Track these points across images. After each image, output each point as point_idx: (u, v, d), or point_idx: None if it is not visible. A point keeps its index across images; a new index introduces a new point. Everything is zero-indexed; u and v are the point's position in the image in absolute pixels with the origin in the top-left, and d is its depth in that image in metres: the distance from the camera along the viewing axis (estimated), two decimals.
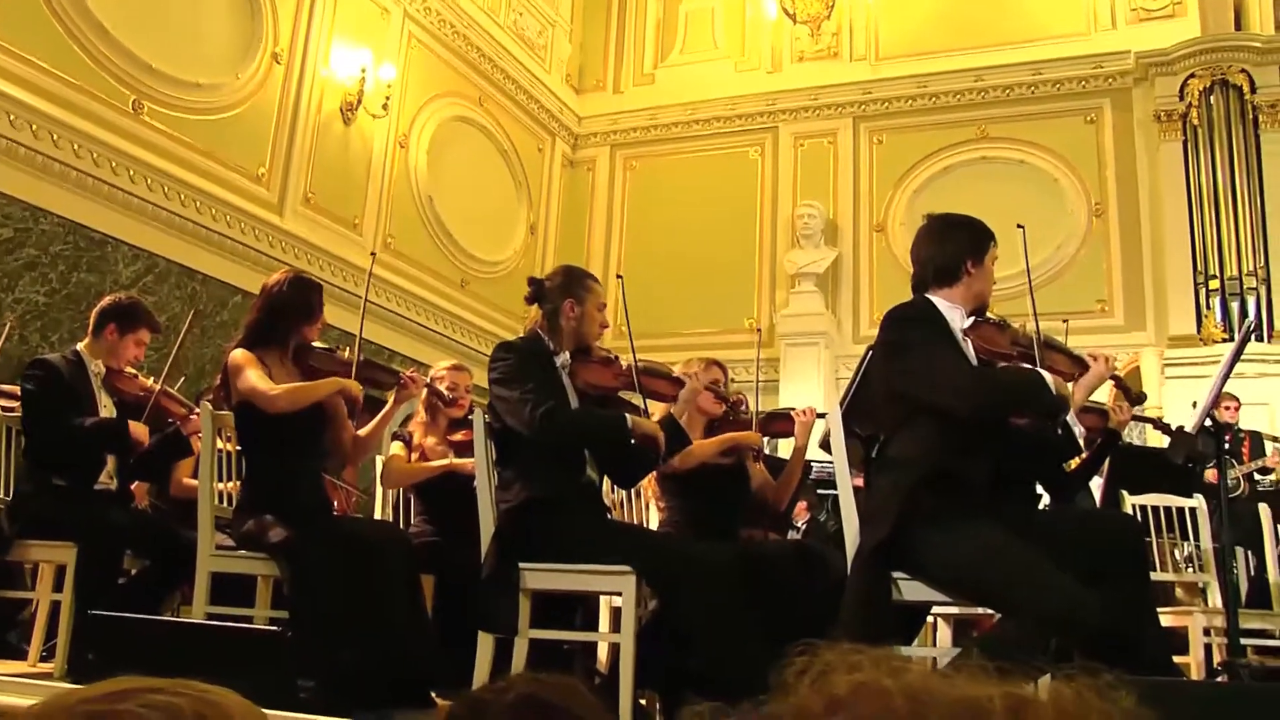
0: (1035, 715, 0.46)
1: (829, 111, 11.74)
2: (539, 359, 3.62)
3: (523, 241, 11.77)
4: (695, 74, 12.28)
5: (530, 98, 11.92)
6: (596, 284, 3.80)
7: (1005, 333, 3.11)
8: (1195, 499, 5.12)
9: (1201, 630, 4.52)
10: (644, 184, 12.30)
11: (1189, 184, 10.13)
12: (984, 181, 10.76)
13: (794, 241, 11.21)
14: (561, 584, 3.34)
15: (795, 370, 10.48)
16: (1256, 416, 8.42)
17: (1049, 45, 11.10)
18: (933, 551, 2.80)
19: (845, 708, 0.46)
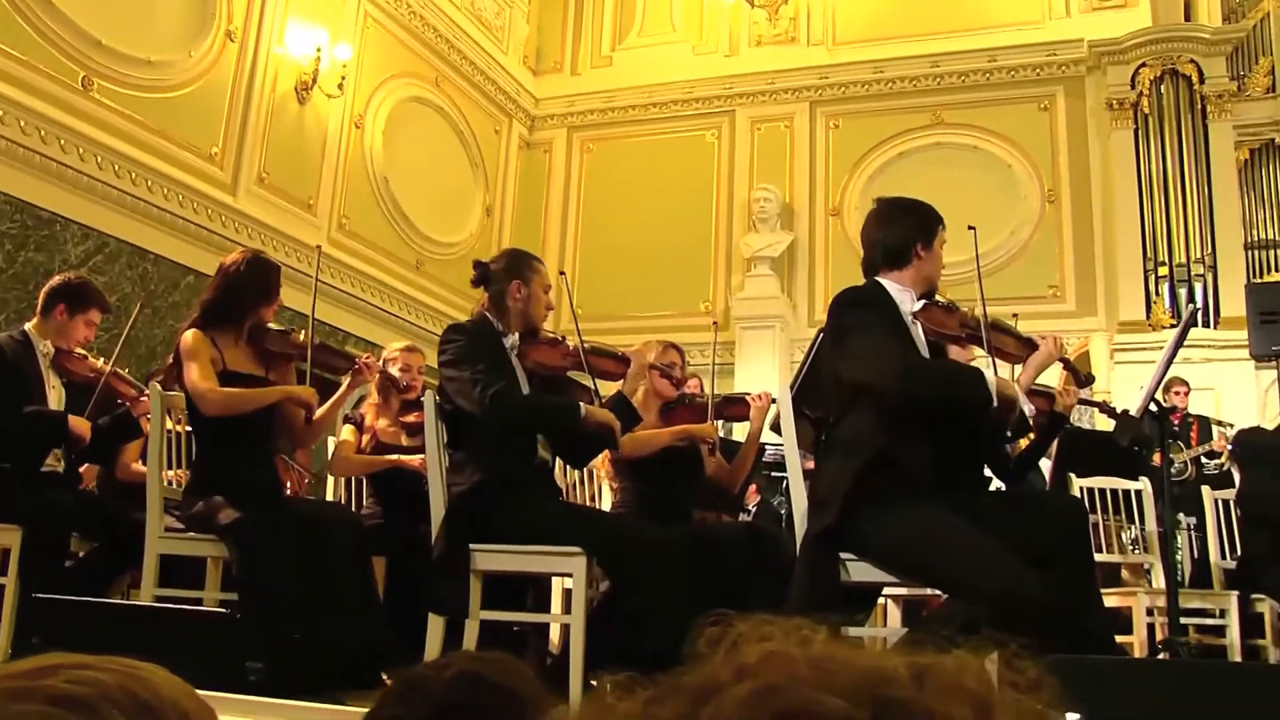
0: (938, 682, 0.47)
1: (786, 96, 11.77)
2: (488, 340, 3.62)
3: (478, 223, 11.73)
4: (653, 57, 12.26)
5: (487, 79, 11.86)
6: (542, 266, 3.82)
7: (954, 315, 3.14)
8: (1141, 482, 5.19)
9: (1145, 610, 4.60)
10: (601, 167, 12.28)
11: (1140, 172, 10.27)
12: (939, 167, 10.84)
13: (750, 225, 11.24)
14: (511, 565, 3.34)
15: (750, 353, 10.53)
16: (1204, 401, 8.56)
17: (1004, 33, 11.19)
18: (879, 533, 2.83)
19: (752, 675, 0.47)
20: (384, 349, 5.22)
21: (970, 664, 0.49)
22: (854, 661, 0.48)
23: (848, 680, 0.46)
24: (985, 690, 0.48)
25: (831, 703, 0.45)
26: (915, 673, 0.47)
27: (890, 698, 0.46)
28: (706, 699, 0.47)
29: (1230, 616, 4.72)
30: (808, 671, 0.47)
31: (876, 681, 0.46)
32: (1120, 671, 2.72)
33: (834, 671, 0.47)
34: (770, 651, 0.49)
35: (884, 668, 0.48)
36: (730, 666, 0.49)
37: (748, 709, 0.45)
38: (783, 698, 0.45)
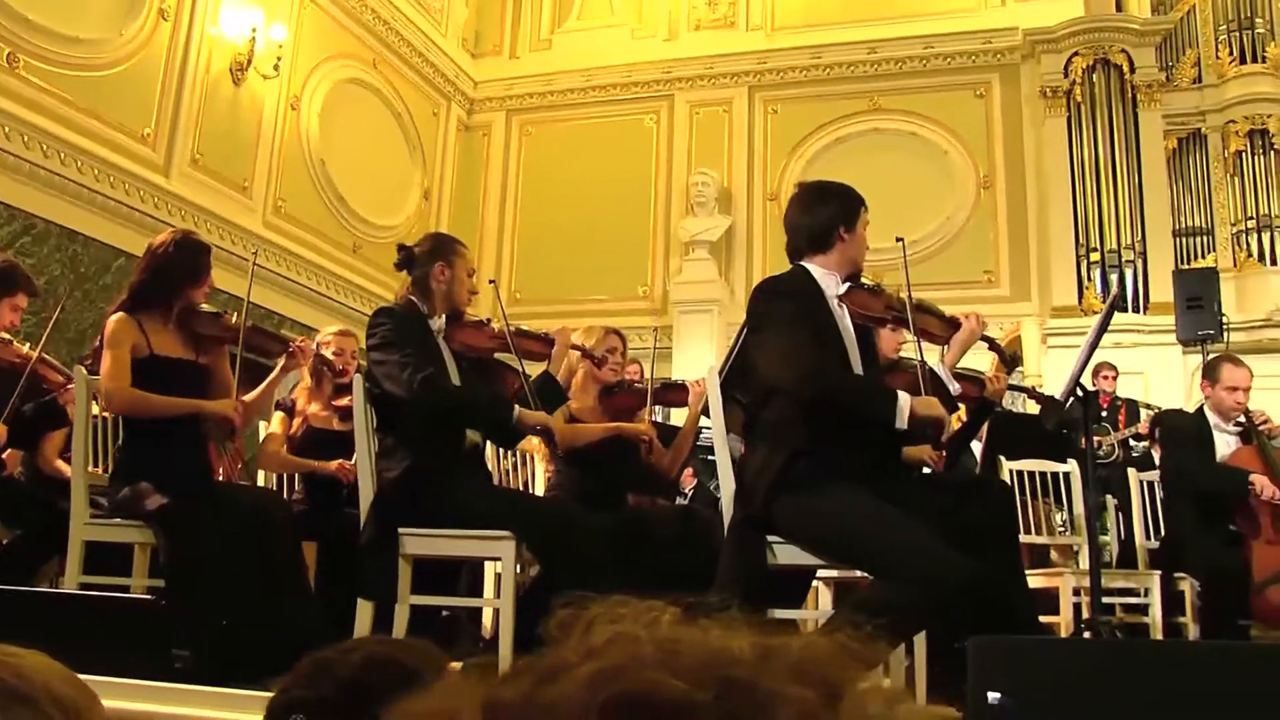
0: (783, 664, 0.48)
1: (724, 80, 11.80)
2: (416, 324, 3.60)
3: (416, 206, 11.65)
4: (592, 40, 12.23)
5: (426, 61, 11.77)
6: (465, 250, 3.82)
7: (879, 298, 3.16)
8: (1070, 464, 5.27)
9: (1071, 590, 4.67)
10: (539, 150, 12.24)
11: (1072, 159, 10.42)
12: (876, 153, 10.93)
13: (688, 209, 11.27)
14: (441, 549, 3.33)
15: (688, 337, 10.56)
16: (1134, 385, 8.71)
17: (941, 20, 11.29)
18: (806, 516, 2.86)
19: (598, 656, 0.48)
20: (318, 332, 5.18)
21: (819, 645, 0.50)
22: (700, 643, 0.49)
23: (692, 661, 0.47)
24: (834, 672, 0.49)
25: (673, 684, 0.45)
26: (761, 654, 0.48)
27: (734, 679, 0.46)
28: (551, 680, 0.48)
29: (1153, 595, 4.81)
30: (653, 653, 0.47)
31: (721, 663, 0.47)
32: (1042, 651, 2.76)
33: (679, 653, 0.48)
34: (616, 633, 0.50)
35: (730, 649, 0.48)
36: (578, 648, 0.49)
37: (589, 690, 0.46)
38: (624, 679, 0.46)
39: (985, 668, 2.60)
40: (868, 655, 0.52)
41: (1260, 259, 10.01)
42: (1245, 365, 5.16)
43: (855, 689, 0.49)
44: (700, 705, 0.45)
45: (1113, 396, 7.71)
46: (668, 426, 5.42)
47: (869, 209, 3.25)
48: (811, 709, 0.46)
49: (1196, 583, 4.82)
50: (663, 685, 0.46)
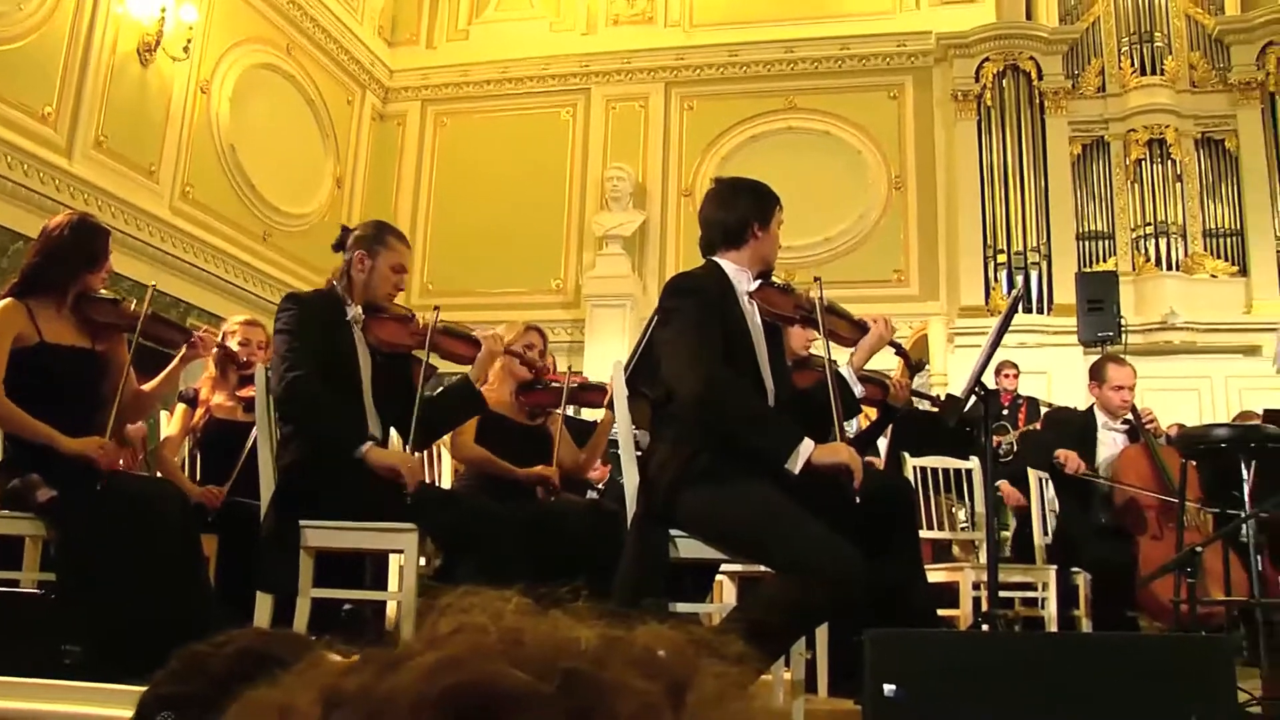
0: (628, 655, 0.48)
1: (642, 76, 11.82)
2: (326, 310, 3.52)
3: (328, 195, 11.50)
4: (509, 32, 12.17)
5: (340, 48, 11.62)
6: (400, 243, 3.67)
7: (789, 297, 3.18)
8: (972, 461, 5.36)
9: (971, 585, 4.75)
10: (454, 141, 12.16)
11: (981, 162, 10.66)
12: (790, 151, 11.04)
13: (602, 204, 11.27)
14: (341, 542, 3.29)
15: (600, 332, 10.57)
16: (1036, 384, 8.89)
17: (857, 22, 11.45)
18: (706, 509, 2.87)
19: (440, 646, 0.48)
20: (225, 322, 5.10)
21: (666, 637, 0.50)
22: (545, 634, 0.49)
23: (535, 652, 0.47)
24: (679, 664, 0.49)
25: (514, 675, 0.45)
26: (605, 646, 0.48)
27: (577, 670, 0.46)
28: (392, 670, 0.47)
29: (1049, 590, 4.92)
30: (496, 643, 0.47)
31: (565, 654, 0.47)
32: (937, 644, 2.82)
33: (523, 644, 0.48)
34: (461, 623, 0.50)
35: (574, 640, 0.48)
36: (423, 638, 0.49)
37: (428, 680, 0.46)
38: (464, 669, 0.46)
39: (882, 661, 2.64)
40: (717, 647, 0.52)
41: (1157, 264, 10.31)
42: (1129, 365, 5.31)
43: (701, 682, 0.49)
44: (542, 696, 0.45)
45: (1014, 395, 7.86)
46: (582, 422, 5.42)
47: (783, 208, 3.28)
48: (653, 701, 0.46)
49: (1089, 576, 4.95)
50: (503, 676, 0.45)
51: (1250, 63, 10.63)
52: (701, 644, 0.52)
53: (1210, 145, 10.73)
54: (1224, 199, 10.56)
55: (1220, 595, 4.45)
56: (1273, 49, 10.56)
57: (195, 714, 0.96)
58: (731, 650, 0.52)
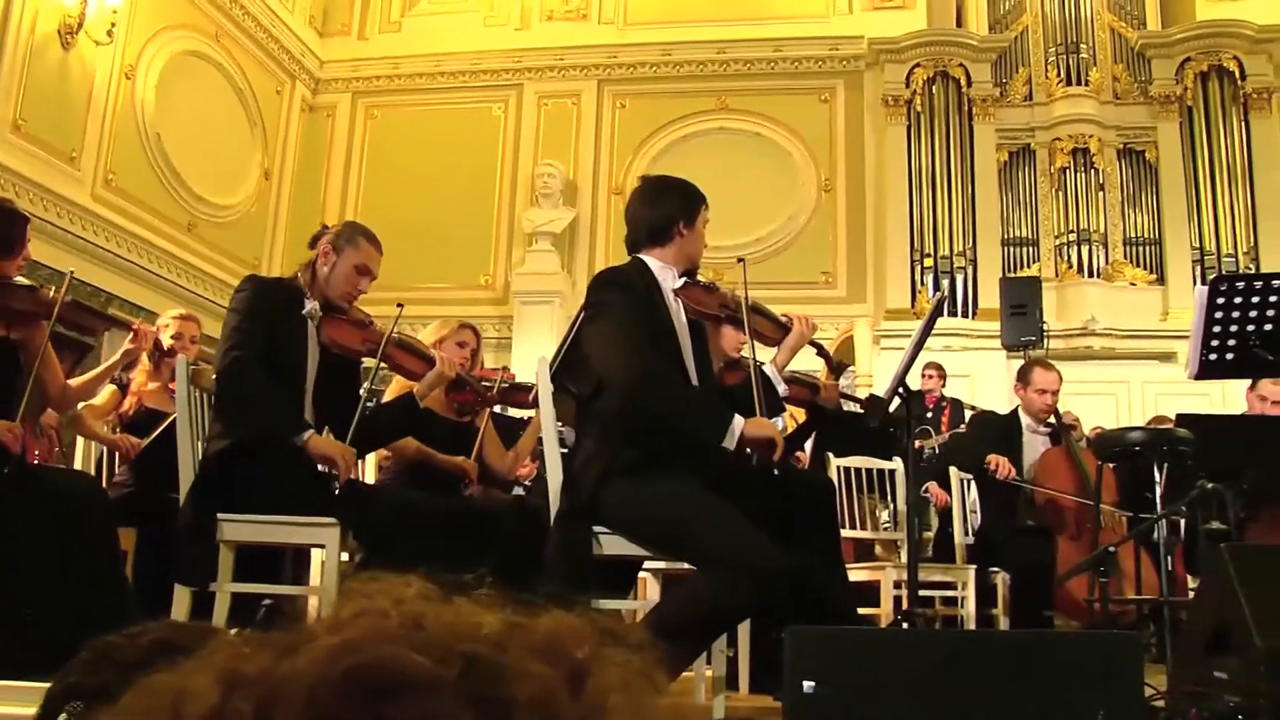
0: (529, 642, 0.48)
1: (574, 73, 11.81)
2: (283, 300, 3.44)
3: (256, 186, 11.34)
4: (442, 25, 12.09)
5: (270, 37, 11.46)
6: (370, 246, 3.56)
7: (714, 295, 3.20)
8: (895, 462, 5.43)
9: (892, 584, 4.81)
10: (385, 134, 12.05)
11: (910, 166, 10.80)
12: (721, 151, 11.09)
13: (533, 200, 11.25)
14: (261, 535, 3.25)
15: (529, 329, 10.55)
16: (960, 387, 9.02)
17: (790, 24, 11.53)
18: (630, 506, 2.88)
19: (343, 629, 0.48)
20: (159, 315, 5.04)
21: (567, 624, 0.51)
22: (447, 618, 0.49)
23: (436, 636, 0.47)
24: (580, 651, 0.50)
25: (414, 659, 0.46)
26: (507, 631, 0.49)
27: (478, 656, 0.47)
28: (292, 652, 0.48)
29: (968, 589, 5.00)
30: (397, 627, 0.48)
31: (465, 638, 0.48)
32: (855, 641, 2.85)
33: (424, 628, 0.48)
34: (364, 607, 0.50)
35: (476, 625, 0.49)
36: (325, 621, 0.50)
37: (327, 663, 0.46)
38: (363, 653, 0.46)
39: (801, 657, 2.67)
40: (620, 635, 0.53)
41: (1079, 270, 10.51)
42: (1055, 369, 5.41)
43: (602, 669, 0.50)
44: (441, 680, 0.46)
45: (939, 397, 7.96)
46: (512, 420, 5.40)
47: (710, 207, 3.30)
48: (551, 687, 0.47)
49: (1008, 576, 5.03)
50: (402, 659, 0.46)
51: (1170, 77, 10.88)
52: (605, 632, 0.52)
53: (1131, 156, 10.96)
54: (1144, 208, 10.80)
55: (1132, 594, 4.55)
56: (1190, 65, 10.82)
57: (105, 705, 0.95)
58: (634, 639, 0.53)
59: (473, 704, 0.45)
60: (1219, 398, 9.01)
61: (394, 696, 0.45)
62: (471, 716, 0.45)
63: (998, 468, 5.01)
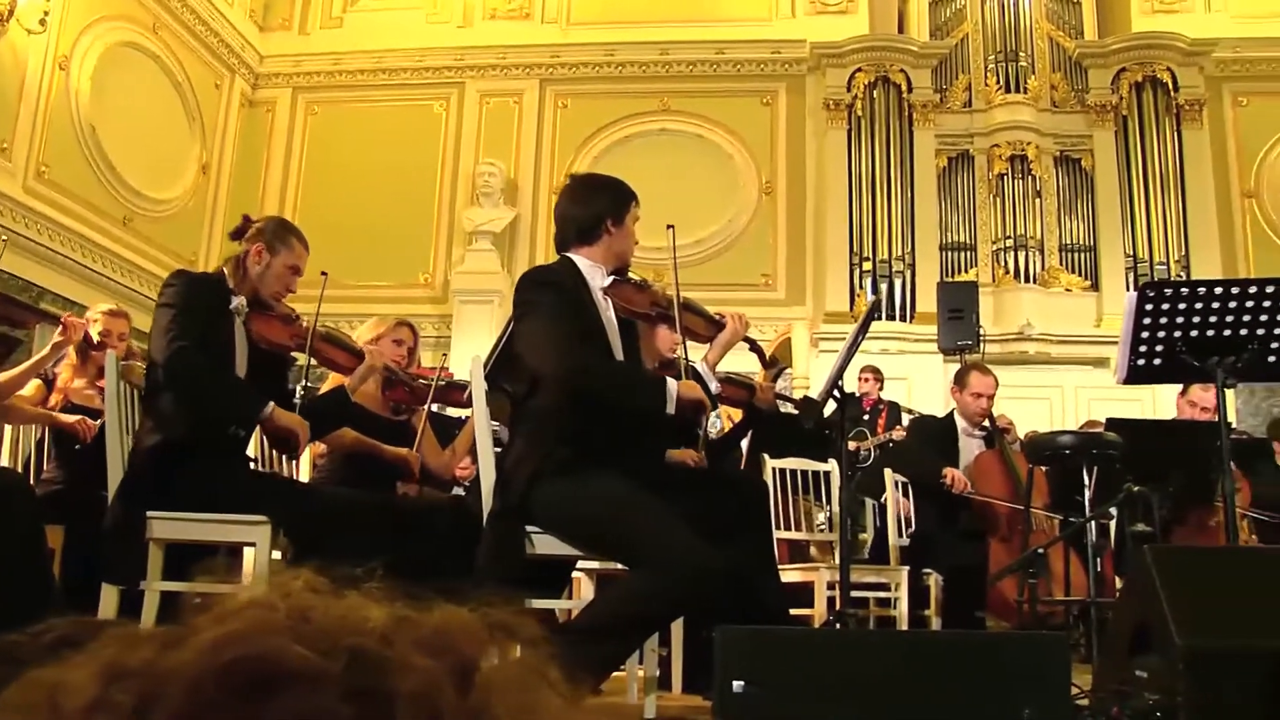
0: (415, 636, 0.48)
1: (517, 72, 11.78)
2: (210, 293, 3.41)
3: (193, 180, 11.20)
4: (385, 21, 12.01)
5: (209, 30, 11.32)
6: (301, 247, 3.56)
7: (645, 293, 3.20)
8: (831, 464, 5.47)
9: (826, 584, 4.84)
10: (325, 130, 11.95)
11: (850, 170, 10.88)
12: (663, 152, 11.12)
13: (473, 199, 11.21)
14: (190, 534, 3.20)
15: (468, 328, 10.49)
16: (897, 390, 9.12)
17: (733, 27, 11.58)
18: (563, 505, 2.87)
19: (228, 621, 0.48)
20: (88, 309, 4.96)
21: (457, 619, 0.50)
22: (333, 611, 0.49)
23: (322, 629, 0.47)
24: (469, 646, 0.49)
25: (297, 651, 0.45)
26: (393, 625, 0.49)
27: (364, 650, 0.47)
28: (175, 645, 0.47)
29: (901, 590, 5.05)
30: (283, 620, 0.47)
31: (351, 631, 0.47)
32: (785, 641, 2.87)
33: (310, 620, 0.48)
34: (250, 599, 0.50)
35: (363, 619, 0.49)
36: (211, 615, 0.49)
37: (209, 655, 0.46)
38: (247, 645, 0.46)
39: (732, 657, 2.68)
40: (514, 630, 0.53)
41: (1016, 276, 10.65)
42: (992, 374, 5.48)
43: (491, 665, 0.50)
44: (324, 673, 0.45)
45: (876, 400, 8.04)
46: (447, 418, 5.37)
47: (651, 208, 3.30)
48: (435, 681, 0.47)
49: (940, 577, 5.09)
50: (285, 652, 0.45)
51: (1106, 86, 11.07)
52: (499, 627, 0.52)
53: (1068, 163, 11.12)
54: (1079, 216, 10.96)
55: (1061, 595, 4.63)
56: (1126, 75, 11.02)
57: None
58: (528, 634, 0.53)
59: (354, 697, 0.45)
60: (1150, 403, 9.18)
61: (275, 689, 0.45)
62: (353, 710, 0.45)
63: (954, 482, 5.05)
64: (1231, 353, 3.48)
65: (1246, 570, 2.90)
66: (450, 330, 10.53)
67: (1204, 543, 5.11)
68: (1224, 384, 3.52)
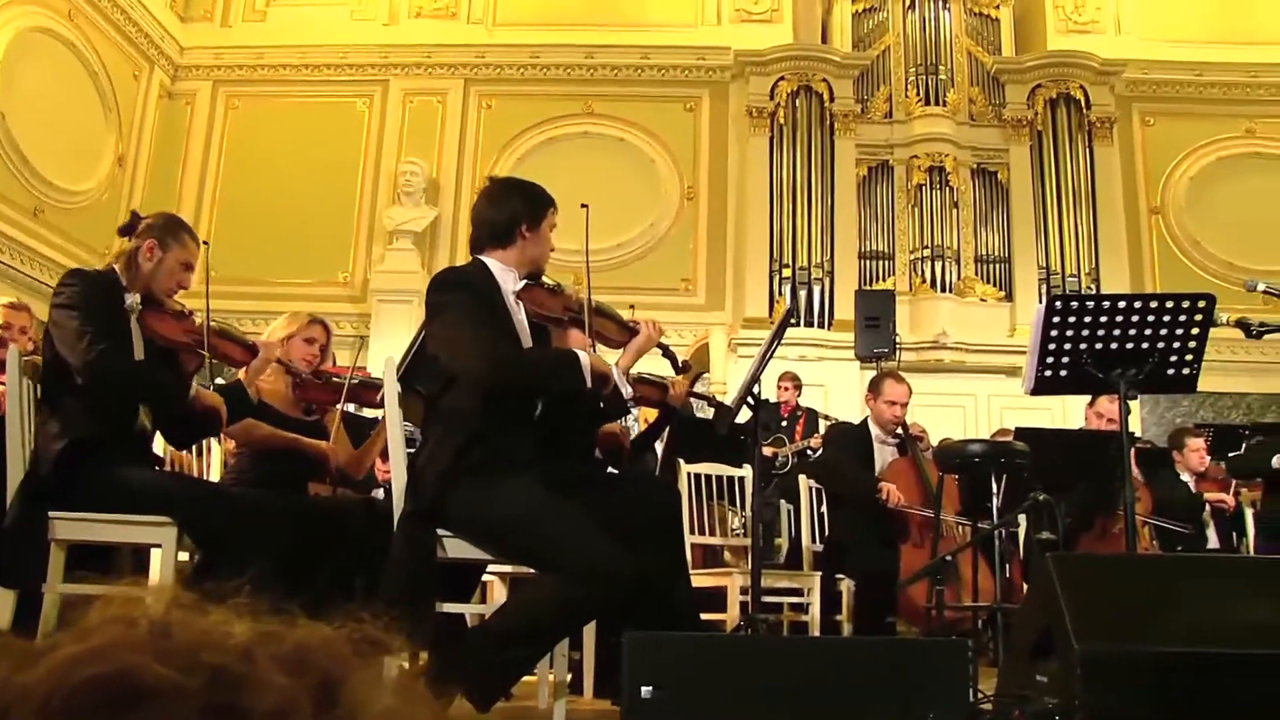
0: (272, 650, 0.48)
1: (441, 71, 11.72)
2: (106, 292, 3.36)
3: (109, 172, 10.97)
4: (309, 17, 11.87)
5: (128, 19, 11.09)
6: (192, 242, 3.53)
7: (557, 298, 3.20)
8: (746, 469, 5.50)
9: (739, 589, 4.87)
10: (246, 125, 11.78)
11: (772, 178, 10.98)
12: (586, 155, 11.13)
13: (395, 198, 11.13)
14: (94, 535, 3.13)
15: (387, 327, 10.40)
16: (815, 396, 9.20)
17: (658, 32, 11.63)
18: (475, 508, 2.86)
19: (87, 637, 0.47)
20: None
21: (320, 635, 0.50)
22: (195, 628, 0.49)
23: (182, 646, 0.47)
24: (333, 663, 0.49)
25: (154, 669, 0.45)
26: (254, 642, 0.48)
27: (221, 666, 0.47)
28: (32, 661, 0.47)
29: (814, 595, 5.09)
30: (143, 636, 0.47)
31: (211, 649, 0.47)
32: (694, 647, 2.89)
33: (171, 637, 0.47)
34: (111, 615, 0.49)
35: (226, 635, 0.48)
36: (73, 631, 0.49)
37: (64, 672, 0.45)
38: (103, 662, 0.45)
39: (640, 663, 2.70)
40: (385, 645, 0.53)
41: (932, 285, 10.82)
42: (905, 382, 5.56)
43: (356, 681, 0.49)
44: (181, 690, 0.45)
45: (794, 406, 8.10)
46: (360, 418, 5.32)
47: (565, 208, 3.30)
48: (293, 699, 0.47)
49: (853, 583, 5.15)
50: (142, 669, 0.45)
51: (1022, 102, 11.30)
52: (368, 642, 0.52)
53: (984, 176, 11.33)
54: (995, 228, 11.17)
55: (969, 601, 4.71)
56: (1041, 91, 11.27)
57: None
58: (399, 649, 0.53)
59: (211, 715, 0.45)
60: (1060, 412, 9.38)
61: (131, 707, 0.44)
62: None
63: (889, 496, 5.09)
64: (1134, 365, 3.57)
65: (1143, 576, 2.98)
66: (369, 330, 10.43)
67: (1107, 549, 5.23)
68: (1126, 395, 3.60)
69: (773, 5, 11.70)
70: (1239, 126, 11.58)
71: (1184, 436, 6.70)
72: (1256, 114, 11.61)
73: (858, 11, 11.76)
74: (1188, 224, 11.32)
